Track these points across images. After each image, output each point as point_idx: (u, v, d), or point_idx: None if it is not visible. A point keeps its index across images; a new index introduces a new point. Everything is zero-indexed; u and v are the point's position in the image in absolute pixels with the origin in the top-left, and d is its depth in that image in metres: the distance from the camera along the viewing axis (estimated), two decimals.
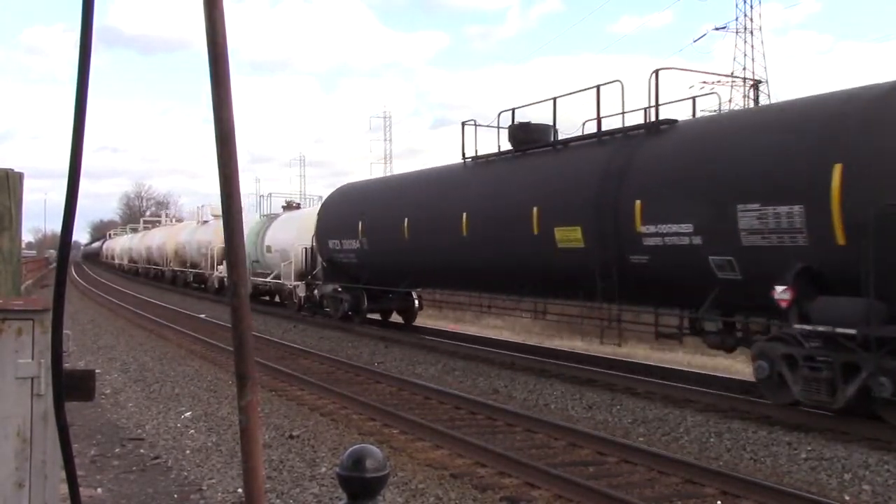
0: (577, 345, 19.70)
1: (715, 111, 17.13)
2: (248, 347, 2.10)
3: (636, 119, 13.89)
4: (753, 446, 9.24)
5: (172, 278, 46.71)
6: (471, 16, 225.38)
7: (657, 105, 13.24)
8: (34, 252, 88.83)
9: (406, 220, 18.58)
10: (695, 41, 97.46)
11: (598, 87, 14.33)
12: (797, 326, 9.93)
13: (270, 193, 35.95)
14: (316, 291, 24.67)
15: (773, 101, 37.11)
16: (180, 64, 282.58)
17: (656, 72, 13.34)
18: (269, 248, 28.93)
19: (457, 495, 7.47)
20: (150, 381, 14.00)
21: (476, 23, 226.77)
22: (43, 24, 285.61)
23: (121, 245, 72.24)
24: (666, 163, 12.34)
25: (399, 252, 19.15)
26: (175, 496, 7.56)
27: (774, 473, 8.32)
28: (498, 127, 17.09)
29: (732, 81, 47.66)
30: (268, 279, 28.92)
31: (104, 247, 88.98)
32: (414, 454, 8.95)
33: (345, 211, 22.05)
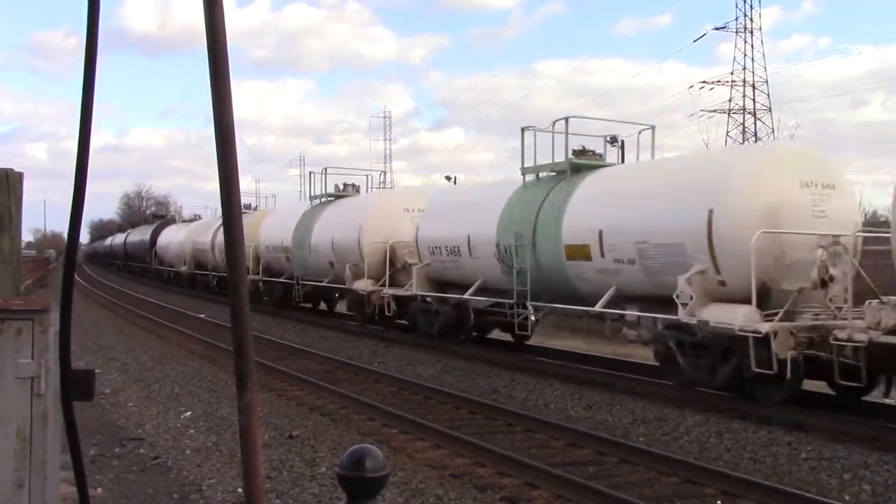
0: (579, 344, 19.68)
1: (715, 112, 17.05)
2: (247, 347, 2.10)
3: None
4: (753, 446, 9.24)
5: None
6: (474, 17, 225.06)
7: None
8: (34, 252, 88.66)
9: None
10: (695, 41, 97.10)
11: None
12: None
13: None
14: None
15: (773, 101, 37.10)
16: (183, 65, 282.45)
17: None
18: None
19: (457, 495, 7.47)
20: (150, 381, 14.00)
21: (479, 24, 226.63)
22: (49, 27, 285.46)
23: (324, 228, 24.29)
24: None
25: None
26: (175, 496, 7.56)
27: (774, 473, 8.32)
28: None
29: (732, 82, 47.63)
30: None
31: (167, 242, 46.56)
32: (414, 454, 8.95)
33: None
